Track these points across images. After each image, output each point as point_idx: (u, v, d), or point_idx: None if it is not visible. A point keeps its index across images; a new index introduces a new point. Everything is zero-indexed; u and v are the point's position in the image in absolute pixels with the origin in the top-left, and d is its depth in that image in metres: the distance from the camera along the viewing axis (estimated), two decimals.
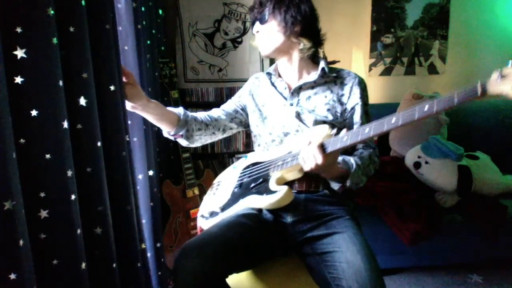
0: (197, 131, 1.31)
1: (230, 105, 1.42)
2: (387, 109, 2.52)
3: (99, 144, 0.90)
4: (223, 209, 1.25)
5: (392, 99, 2.69)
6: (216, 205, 1.29)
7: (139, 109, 1.18)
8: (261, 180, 1.20)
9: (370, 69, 2.68)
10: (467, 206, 2.00)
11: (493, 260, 2.09)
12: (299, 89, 1.28)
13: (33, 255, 0.70)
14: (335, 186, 1.18)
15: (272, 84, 1.35)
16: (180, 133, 1.28)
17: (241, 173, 1.32)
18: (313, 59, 1.32)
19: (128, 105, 1.15)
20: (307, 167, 1.04)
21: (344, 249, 1.05)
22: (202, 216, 1.34)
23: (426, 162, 2.04)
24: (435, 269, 2.18)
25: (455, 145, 2.04)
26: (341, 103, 1.28)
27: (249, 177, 1.26)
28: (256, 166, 1.28)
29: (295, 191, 1.21)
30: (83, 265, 0.83)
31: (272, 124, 1.30)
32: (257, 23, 1.26)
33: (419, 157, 2.09)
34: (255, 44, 1.33)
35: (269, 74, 1.36)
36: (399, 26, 2.62)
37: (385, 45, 2.64)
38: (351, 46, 2.62)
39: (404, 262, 2.02)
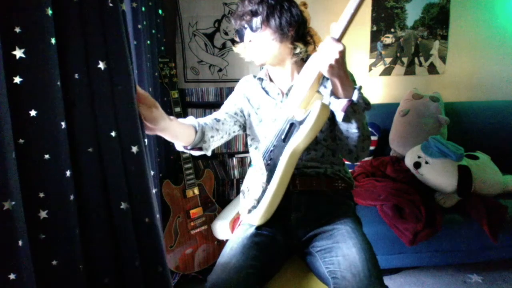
0: (211, 138, 1.24)
1: (230, 108, 1.36)
2: (387, 109, 2.55)
3: (90, 150, 0.88)
4: (268, 181, 1.12)
5: (392, 99, 2.69)
6: (258, 189, 1.17)
7: (158, 130, 1.08)
8: (288, 127, 1.10)
9: (370, 69, 2.67)
10: (467, 206, 2.00)
11: (493, 260, 2.08)
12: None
13: (33, 255, 0.70)
14: (340, 105, 1.06)
15: (263, 88, 1.33)
16: (198, 146, 1.21)
17: (263, 154, 1.21)
18: (305, 60, 1.29)
19: (147, 129, 1.06)
20: (330, 61, 0.98)
21: (341, 244, 1.07)
22: (249, 211, 1.21)
23: (426, 162, 2.04)
24: (435, 269, 2.18)
25: (455, 145, 2.04)
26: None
27: (273, 144, 1.16)
28: (269, 140, 1.19)
29: (297, 191, 1.21)
30: (81, 266, 0.83)
31: (267, 128, 1.29)
32: (247, 31, 1.20)
33: (419, 157, 2.09)
34: (240, 52, 1.27)
35: (260, 79, 1.34)
36: (399, 26, 2.61)
37: (385, 45, 2.64)
38: (351, 46, 2.62)
39: (404, 262, 2.02)
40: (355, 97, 1.05)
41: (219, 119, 1.30)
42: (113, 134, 0.90)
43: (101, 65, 0.85)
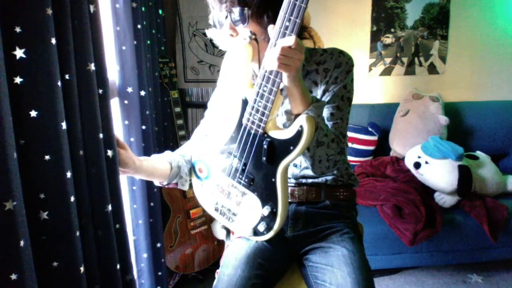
0: (189, 170, 1.15)
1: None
2: (387, 109, 2.55)
3: (81, 152, 0.89)
4: (274, 202, 0.98)
5: (392, 99, 2.69)
6: (256, 214, 1.03)
7: (131, 173, 1.06)
8: (267, 147, 0.92)
9: (370, 69, 2.67)
10: (467, 206, 2.00)
11: (493, 260, 2.09)
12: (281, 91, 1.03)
13: (33, 257, 0.69)
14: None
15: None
16: (174, 182, 1.13)
17: (229, 173, 1.04)
18: None
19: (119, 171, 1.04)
20: (291, 65, 0.80)
21: (336, 269, 1.01)
22: (255, 232, 1.05)
23: (426, 162, 2.04)
24: (435, 269, 2.18)
25: (455, 145, 2.04)
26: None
27: (243, 163, 0.99)
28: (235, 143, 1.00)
29: (296, 201, 1.15)
30: (82, 268, 0.82)
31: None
32: (227, 21, 1.01)
33: (419, 157, 2.09)
34: (213, 37, 1.10)
35: None
36: (399, 26, 2.61)
37: (385, 45, 2.64)
38: (351, 46, 2.62)
39: (404, 262, 2.02)
40: (310, 111, 0.90)
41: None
42: (100, 136, 0.94)
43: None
